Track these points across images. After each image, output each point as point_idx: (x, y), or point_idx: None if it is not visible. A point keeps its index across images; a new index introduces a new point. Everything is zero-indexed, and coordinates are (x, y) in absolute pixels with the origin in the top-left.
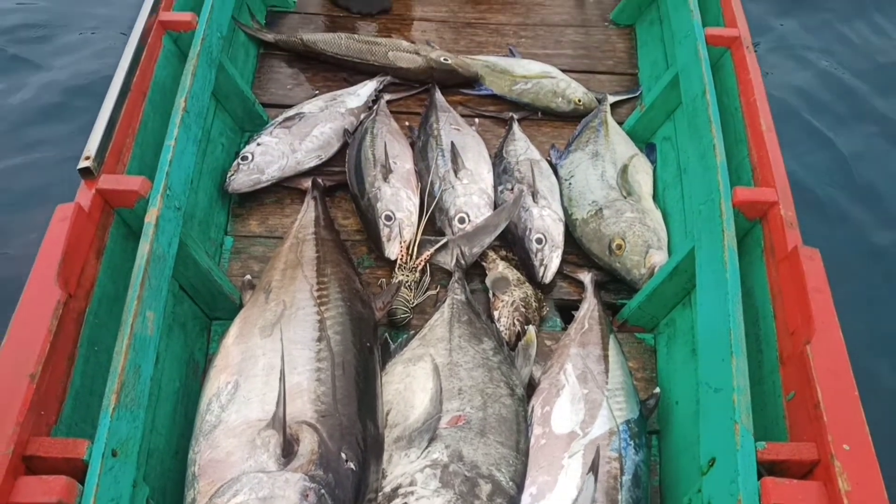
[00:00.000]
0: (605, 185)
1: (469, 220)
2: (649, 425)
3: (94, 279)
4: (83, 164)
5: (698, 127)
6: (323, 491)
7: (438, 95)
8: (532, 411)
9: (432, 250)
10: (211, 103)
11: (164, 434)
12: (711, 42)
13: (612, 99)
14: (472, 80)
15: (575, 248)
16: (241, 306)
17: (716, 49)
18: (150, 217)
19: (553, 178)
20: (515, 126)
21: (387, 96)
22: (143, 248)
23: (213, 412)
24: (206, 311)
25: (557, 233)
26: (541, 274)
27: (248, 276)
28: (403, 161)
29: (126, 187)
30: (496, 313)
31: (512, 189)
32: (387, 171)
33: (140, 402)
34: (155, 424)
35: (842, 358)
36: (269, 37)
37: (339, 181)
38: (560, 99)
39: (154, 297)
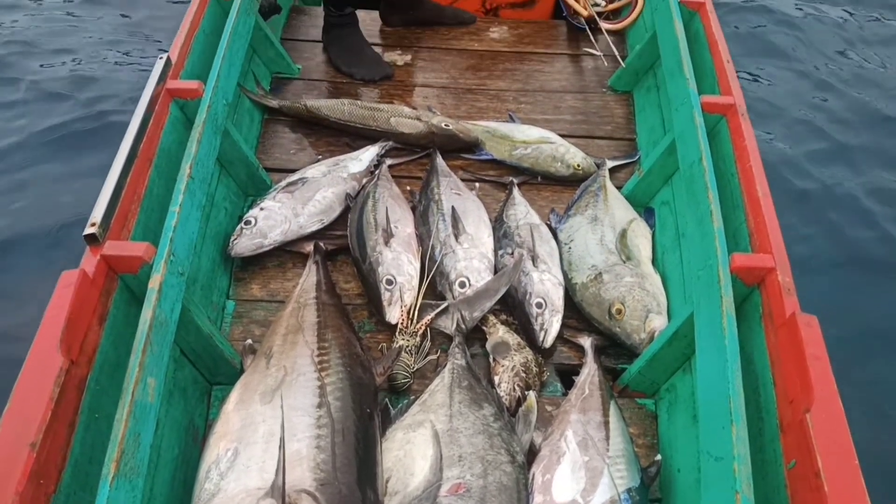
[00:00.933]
0: (605, 250)
1: (470, 285)
2: (651, 493)
3: (97, 345)
4: (89, 230)
5: (695, 193)
6: None
7: (439, 160)
8: (533, 479)
9: (433, 314)
10: (216, 169)
11: (163, 502)
12: (707, 109)
13: (610, 164)
14: (473, 145)
15: (575, 313)
16: (241, 371)
17: (711, 116)
18: (154, 283)
19: (553, 242)
20: (515, 190)
21: (389, 161)
22: (146, 314)
23: (212, 480)
24: (206, 376)
25: (557, 297)
26: (541, 338)
27: (250, 341)
28: (405, 225)
29: (130, 253)
30: (496, 378)
31: (512, 253)
32: (388, 236)
33: (139, 471)
34: (153, 492)
35: (841, 426)
36: (274, 103)
37: (341, 245)
38: (559, 164)
39: (156, 363)
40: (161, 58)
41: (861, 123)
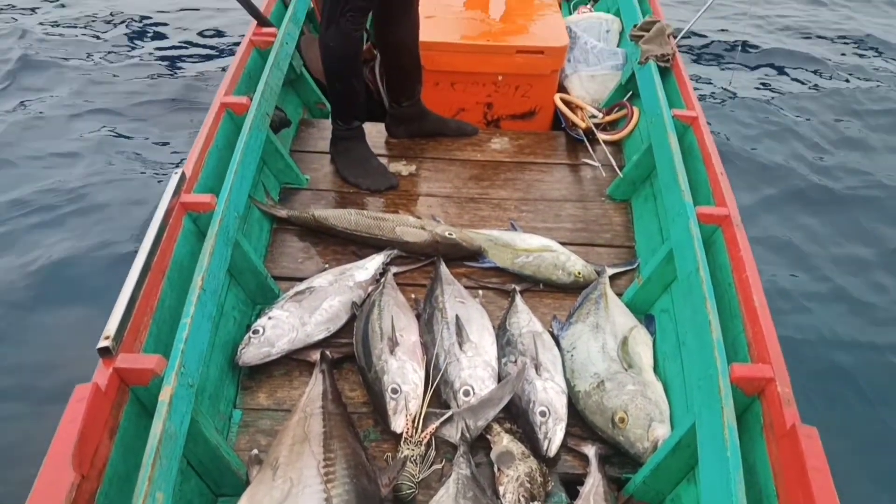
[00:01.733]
0: (607, 358)
1: (474, 393)
2: None
3: (107, 459)
4: (102, 343)
5: (694, 302)
6: None
7: (443, 268)
8: None
9: (437, 423)
10: (226, 279)
11: None
12: (703, 220)
13: (610, 271)
14: (476, 254)
15: (578, 420)
16: (247, 483)
17: (707, 226)
18: (165, 395)
19: (555, 349)
20: (518, 298)
21: (394, 269)
22: (157, 427)
23: None
24: (212, 487)
25: (561, 405)
26: (545, 447)
27: (256, 451)
28: (409, 334)
29: (142, 366)
30: (501, 489)
31: (515, 361)
32: (393, 344)
33: None
34: None
35: None
36: (283, 213)
37: (347, 353)
38: (560, 271)
39: (164, 477)
40: (176, 172)
41: (850, 233)
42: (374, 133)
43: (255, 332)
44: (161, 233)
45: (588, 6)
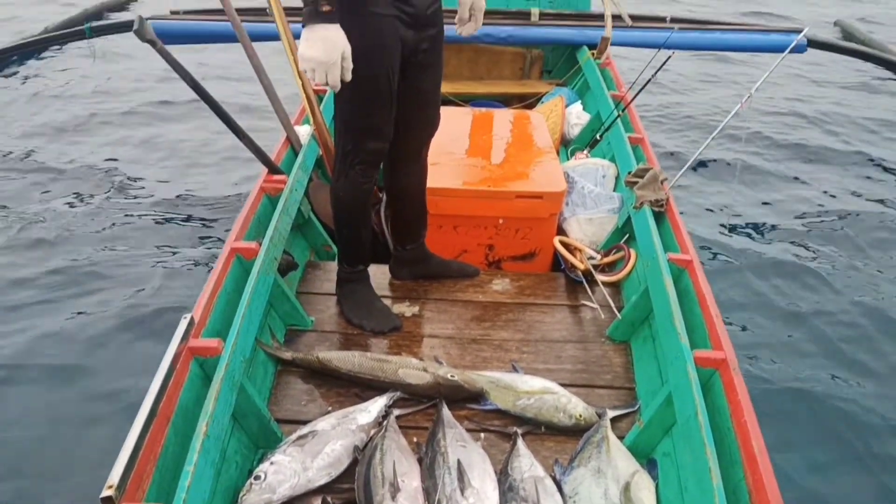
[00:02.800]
0: None
1: None
2: None
3: None
4: (106, 492)
5: (694, 448)
6: None
7: (445, 411)
8: None
9: None
10: (229, 424)
11: None
12: (700, 364)
13: (611, 413)
14: (478, 396)
15: None
16: None
17: (705, 370)
18: None
19: (557, 495)
20: (520, 441)
21: (396, 411)
22: None
23: None
24: None
25: None
26: None
27: None
28: (411, 479)
29: None
30: None
31: None
32: (395, 490)
33: None
34: None
35: None
36: (288, 355)
37: (348, 499)
38: (562, 414)
39: None
40: (185, 317)
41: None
42: (379, 275)
43: (257, 477)
44: (168, 378)
45: (584, 152)
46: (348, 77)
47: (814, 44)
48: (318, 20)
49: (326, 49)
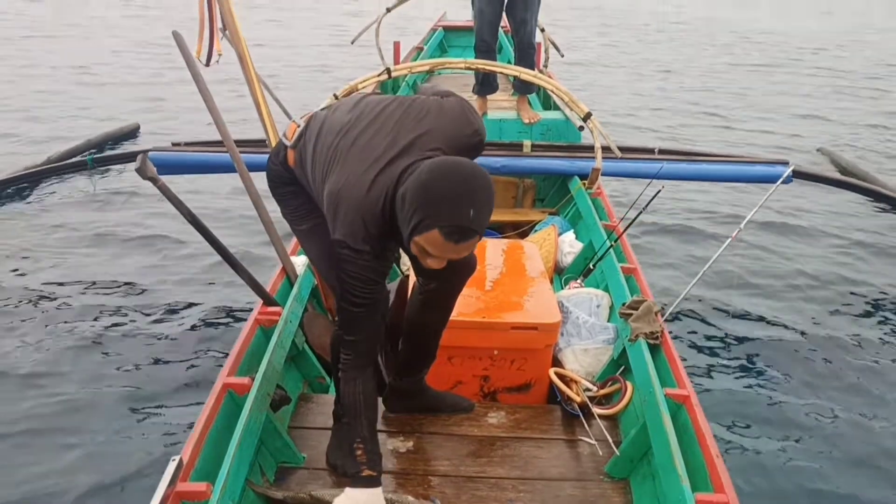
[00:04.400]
0: None
1: None
2: None
3: None
4: None
5: None
6: None
7: None
8: None
9: None
10: None
11: None
12: None
13: None
14: None
15: None
16: None
17: None
18: None
19: None
20: None
21: None
22: None
23: None
24: None
25: None
26: None
27: None
28: None
29: None
30: None
31: None
32: None
33: None
34: None
35: None
36: (279, 495)
37: None
38: None
39: None
40: (174, 459)
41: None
42: None
43: None
44: None
45: (578, 281)
46: None
47: (800, 175)
48: (361, 484)
49: None
